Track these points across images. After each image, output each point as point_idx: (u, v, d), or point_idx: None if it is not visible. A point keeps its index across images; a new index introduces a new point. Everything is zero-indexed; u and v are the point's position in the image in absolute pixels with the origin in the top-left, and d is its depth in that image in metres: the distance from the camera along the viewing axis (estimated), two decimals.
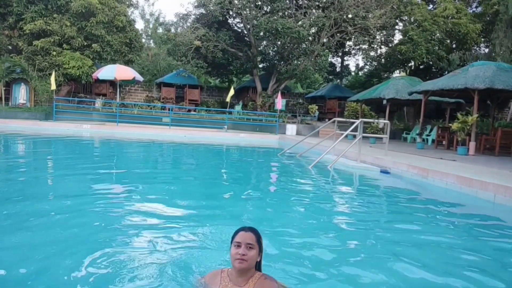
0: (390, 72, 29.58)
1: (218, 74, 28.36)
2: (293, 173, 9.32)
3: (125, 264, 2.84)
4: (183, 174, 8.36)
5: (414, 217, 5.04)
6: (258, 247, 2.19)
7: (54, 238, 3.33)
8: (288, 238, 3.68)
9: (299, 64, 23.80)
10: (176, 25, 25.07)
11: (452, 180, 6.71)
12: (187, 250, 3.18)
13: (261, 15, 21.83)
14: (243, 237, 2.15)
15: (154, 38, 38.96)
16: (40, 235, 3.41)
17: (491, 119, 16.69)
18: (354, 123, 10.20)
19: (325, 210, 5.38)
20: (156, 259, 2.96)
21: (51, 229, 3.59)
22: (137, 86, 28.75)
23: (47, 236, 3.40)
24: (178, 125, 19.57)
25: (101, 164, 9.02)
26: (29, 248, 3.08)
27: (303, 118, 26.14)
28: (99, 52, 21.89)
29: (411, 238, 4.05)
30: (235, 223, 4.03)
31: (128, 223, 3.92)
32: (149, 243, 3.31)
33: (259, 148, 15.94)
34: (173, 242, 3.41)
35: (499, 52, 19.41)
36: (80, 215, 4.16)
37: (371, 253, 3.44)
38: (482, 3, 25.08)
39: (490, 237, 4.32)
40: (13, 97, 20.97)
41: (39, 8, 20.69)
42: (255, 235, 2.20)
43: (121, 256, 2.97)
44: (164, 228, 3.83)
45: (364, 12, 22.65)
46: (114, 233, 3.57)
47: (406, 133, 20.55)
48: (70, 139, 14.11)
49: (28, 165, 8.11)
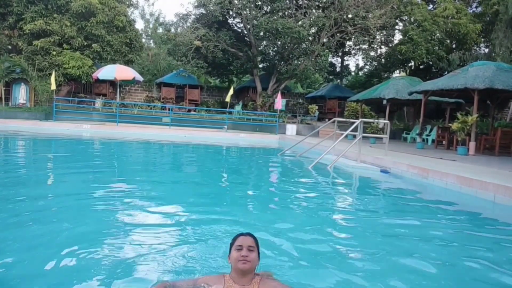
0: (390, 72, 29.59)
1: (218, 74, 28.37)
2: (293, 173, 9.32)
3: (123, 263, 2.85)
4: (183, 174, 8.36)
5: (414, 217, 5.04)
6: (258, 251, 2.25)
7: (51, 237, 3.33)
8: (287, 238, 3.68)
9: (299, 64, 23.80)
10: (176, 25, 25.07)
11: (452, 180, 6.71)
12: (187, 250, 3.18)
13: (261, 15, 21.84)
14: (244, 240, 2.21)
15: (154, 38, 38.96)
16: (37, 234, 3.41)
17: (491, 119, 16.70)
18: (354, 123, 10.19)
19: (325, 210, 5.38)
20: (154, 259, 2.96)
21: (49, 228, 3.59)
22: (137, 86, 28.75)
23: (47, 235, 3.40)
24: (178, 125, 19.57)
25: (101, 164, 9.02)
26: (28, 246, 3.09)
27: (303, 118, 26.14)
28: (99, 52, 21.89)
29: (411, 238, 4.06)
30: (234, 223, 4.05)
31: (127, 223, 3.91)
32: (147, 242, 3.31)
33: (259, 148, 15.94)
34: (172, 241, 3.41)
35: (499, 52, 19.42)
36: (75, 214, 4.16)
37: (371, 253, 3.44)
38: (482, 3, 25.08)
39: (490, 237, 4.32)
40: (13, 97, 20.98)
41: (39, 8, 20.69)
42: (254, 239, 2.27)
43: (119, 256, 2.98)
44: (162, 227, 3.83)
45: (364, 12, 22.65)
46: (112, 232, 3.57)
47: (406, 133, 20.56)
48: (70, 139, 14.11)
49: (28, 165, 8.11)
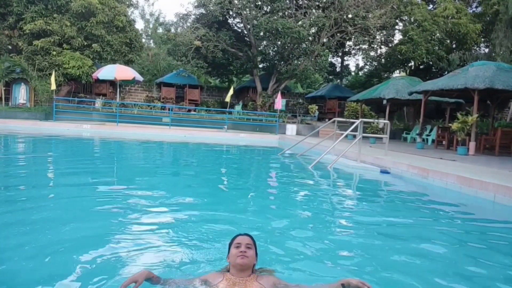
0: (390, 72, 29.59)
1: (218, 74, 28.37)
2: (293, 173, 9.32)
3: (123, 263, 2.84)
4: (182, 174, 8.36)
5: (413, 217, 5.04)
6: (255, 250, 2.31)
7: (51, 237, 3.33)
8: (287, 237, 3.68)
9: (299, 64, 23.80)
10: (176, 25, 25.07)
11: (452, 180, 6.70)
12: (187, 249, 3.18)
13: (261, 15, 21.83)
14: (242, 239, 2.31)
15: (154, 38, 38.97)
16: (37, 233, 3.41)
17: (491, 119, 16.69)
18: (354, 123, 10.19)
19: (325, 210, 5.38)
20: (153, 259, 2.96)
21: (48, 227, 3.59)
22: (137, 86, 28.75)
23: (48, 234, 3.40)
24: (178, 125, 19.56)
25: (100, 164, 9.02)
26: (27, 244, 3.08)
27: (303, 118, 26.14)
28: (99, 52, 21.89)
29: (411, 237, 4.05)
30: (234, 223, 4.04)
31: (126, 223, 3.91)
32: (147, 242, 3.31)
33: (259, 148, 15.93)
34: (170, 241, 3.40)
35: (499, 52, 19.42)
36: (75, 214, 4.16)
37: (371, 253, 3.44)
38: (482, 3, 25.08)
39: (490, 237, 4.32)
40: (13, 97, 20.97)
41: (39, 8, 20.69)
42: (252, 239, 2.34)
43: (118, 256, 2.97)
44: (162, 227, 3.82)
45: (364, 12, 22.64)
46: (112, 232, 3.57)
47: (406, 133, 20.55)
48: (70, 139, 14.11)
49: (28, 165, 8.10)
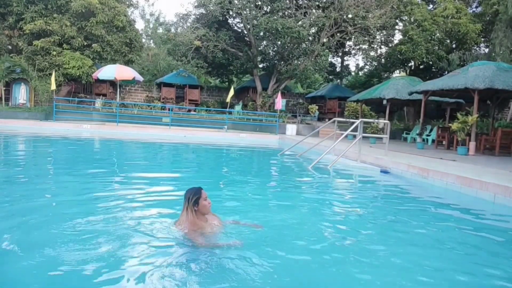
0: (390, 72, 29.60)
1: (218, 74, 28.38)
2: (293, 173, 9.31)
3: (122, 262, 2.84)
4: (182, 174, 8.35)
5: (413, 217, 5.03)
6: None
7: (50, 237, 3.32)
8: (287, 237, 3.68)
9: (299, 64, 23.80)
10: (176, 25, 25.09)
11: (452, 180, 6.70)
12: (185, 248, 3.17)
13: (261, 15, 21.83)
14: (206, 193, 3.33)
15: (154, 38, 38.98)
16: (38, 234, 3.41)
17: (491, 119, 16.68)
18: (354, 123, 10.18)
19: (325, 209, 5.38)
20: (152, 258, 2.95)
21: (48, 227, 3.58)
22: (137, 86, 28.76)
23: (47, 235, 3.40)
24: (178, 125, 19.58)
25: (100, 164, 9.01)
26: (26, 244, 3.08)
27: (303, 118, 26.14)
28: (99, 52, 21.90)
29: (411, 237, 4.05)
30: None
31: (126, 222, 3.91)
32: (147, 242, 3.30)
33: (259, 148, 15.93)
34: (170, 240, 3.40)
35: (499, 52, 19.43)
36: (75, 214, 4.15)
37: (371, 253, 3.44)
38: (482, 3, 25.08)
39: (490, 237, 4.31)
40: (13, 97, 20.98)
41: (39, 8, 20.71)
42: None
43: (118, 255, 2.97)
44: (162, 227, 3.81)
45: (364, 12, 22.65)
46: (111, 231, 3.56)
47: (406, 133, 20.55)
48: (69, 139, 14.10)
49: (27, 166, 8.10)
